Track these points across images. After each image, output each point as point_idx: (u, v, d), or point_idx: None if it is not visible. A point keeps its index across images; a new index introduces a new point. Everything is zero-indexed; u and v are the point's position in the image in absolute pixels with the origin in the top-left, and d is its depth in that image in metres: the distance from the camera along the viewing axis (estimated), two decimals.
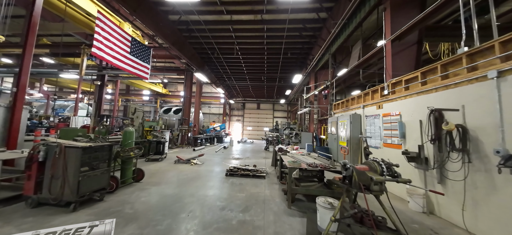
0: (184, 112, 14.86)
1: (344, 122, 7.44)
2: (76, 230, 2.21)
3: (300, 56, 13.73)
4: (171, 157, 9.29)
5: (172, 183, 5.30)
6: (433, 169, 4.11)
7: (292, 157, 5.27)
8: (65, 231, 2.19)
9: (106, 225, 2.31)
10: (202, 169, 7.15)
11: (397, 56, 5.93)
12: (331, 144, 8.70)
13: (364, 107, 6.83)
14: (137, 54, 8.53)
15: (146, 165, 7.56)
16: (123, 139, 5.20)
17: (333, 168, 3.96)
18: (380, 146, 5.81)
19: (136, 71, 8.45)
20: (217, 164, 8.31)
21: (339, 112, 8.96)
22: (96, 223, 2.31)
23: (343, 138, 7.45)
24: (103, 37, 7.00)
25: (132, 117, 8.65)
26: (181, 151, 11.86)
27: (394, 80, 5.47)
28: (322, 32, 10.50)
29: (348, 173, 2.40)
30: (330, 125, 8.92)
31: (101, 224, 2.31)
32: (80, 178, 3.70)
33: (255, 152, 13.12)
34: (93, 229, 2.24)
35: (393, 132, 5.31)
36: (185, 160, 8.05)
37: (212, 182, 5.58)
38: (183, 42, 11.86)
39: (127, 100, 35.21)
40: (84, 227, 2.23)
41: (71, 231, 2.20)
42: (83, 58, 14.77)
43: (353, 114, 7.05)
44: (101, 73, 15.68)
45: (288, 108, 30.37)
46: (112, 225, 2.33)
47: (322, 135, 12.80)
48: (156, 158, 8.41)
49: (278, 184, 5.62)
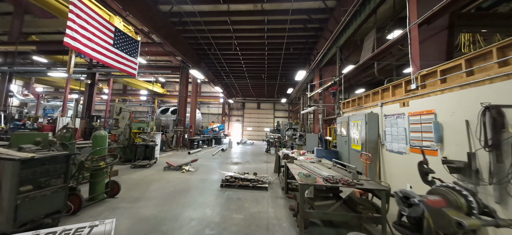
0: (179, 112, 13.89)
1: (358, 122, 6.47)
2: (76, 230, 2.18)
3: (304, 51, 12.75)
4: (162, 163, 8.33)
5: (153, 200, 4.32)
6: (489, 184, 3.13)
7: (301, 166, 4.30)
8: (65, 231, 2.16)
9: (106, 225, 2.27)
10: (194, 178, 6.18)
11: (426, 44, 4.95)
12: (341, 146, 7.73)
13: (383, 105, 5.85)
14: (122, 47, 7.56)
15: (131, 173, 6.60)
16: (92, 145, 4.22)
17: (359, 184, 2.98)
18: (406, 151, 4.83)
19: (121, 66, 7.48)
20: (212, 171, 7.34)
21: (349, 111, 7.99)
22: (96, 223, 2.27)
23: (357, 141, 6.48)
24: (79, 25, 6.03)
25: (116, 117, 7.70)
26: (175, 155, 10.90)
27: (424, 72, 4.49)
28: (329, 23, 9.54)
29: (414, 212, 1.41)
30: (340, 125, 7.94)
31: (101, 224, 2.28)
32: (19, 200, 2.73)
33: (255, 155, 12.15)
34: (93, 229, 2.22)
35: (424, 135, 4.33)
36: (176, 167, 7.08)
37: (203, 196, 4.61)
38: (177, 36, 10.89)
39: (124, 100, 34.35)
40: (84, 227, 2.21)
41: (71, 231, 2.17)
42: (71, 55, 13.84)
43: (369, 113, 6.06)
44: (91, 71, 14.74)
45: (289, 107, 29.38)
46: (112, 225, 2.28)
47: (327, 136, 11.83)
48: (143, 164, 7.45)
49: (283, 198, 4.64)
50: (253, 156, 11.82)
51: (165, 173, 6.68)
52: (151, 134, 9.26)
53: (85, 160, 3.74)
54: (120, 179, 5.59)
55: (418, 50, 4.89)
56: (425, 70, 4.48)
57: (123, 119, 7.90)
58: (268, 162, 9.65)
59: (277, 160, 7.35)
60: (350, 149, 6.99)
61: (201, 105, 30.89)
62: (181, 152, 11.99)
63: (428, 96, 4.34)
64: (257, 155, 12.43)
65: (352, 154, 6.78)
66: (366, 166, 4.31)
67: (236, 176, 5.49)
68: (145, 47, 13.40)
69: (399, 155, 5.06)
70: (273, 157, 11.67)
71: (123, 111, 7.88)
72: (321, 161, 4.95)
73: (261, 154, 12.95)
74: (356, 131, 6.59)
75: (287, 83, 19.18)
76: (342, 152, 7.59)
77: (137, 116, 32.29)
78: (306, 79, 14.67)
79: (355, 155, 6.59)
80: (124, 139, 7.96)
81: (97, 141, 4.19)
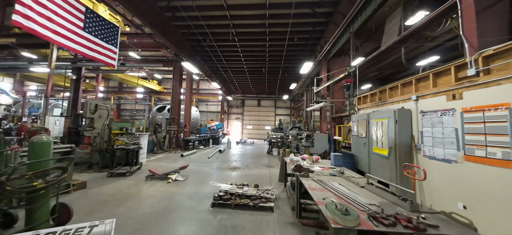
0: (172, 110, 12.67)
1: (382, 121, 5.25)
2: (76, 230, 2.18)
3: (309, 41, 11.47)
4: (147, 169, 7.17)
5: (116, 231, 3.12)
6: None
7: (320, 182, 3.10)
8: (65, 231, 2.14)
9: (106, 225, 2.28)
10: (179, 193, 4.97)
11: (484, 15, 3.70)
12: (358, 149, 6.52)
13: (418, 99, 4.62)
14: (96, 32, 6.31)
15: (105, 183, 5.40)
16: (28, 156, 3.00)
17: (433, 226, 1.77)
18: (457, 160, 3.61)
19: (94, 54, 6.24)
20: (205, 180, 6.14)
21: (367, 108, 6.75)
22: (96, 223, 2.26)
23: (381, 144, 5.26)
24: (35, 1, 4.79)
25: (91, 117, 6.49)
26: (166, 158, 9.71)
27: (490, 51, 3.25)
28: (340, 6, 8.27)
29: None
30: (356, 124, 6.72)
31: (101, 224, 2.27)
32: None
33: (256, 158, 10.95)
34: (93, 229, 2.21)
35: (489, 139, 3.12)
36: (161, 176, 5.88)
37: (186, 224, 3.40)
38: (166, 23, 9.62)
39: (120, 98, 33.20)
40: (84, 227, 2.20)
41: (71, 231, 2.16)
42: (52, 48, 12.62)
43: (399, 110, 4.83)
44: (76, 65, 13.49)
45: (291, 104, 28.10)
46: (112, 225, 2.28)
47: (336, 136, 10.62)
48: (122, 172, 6.24)
49: (296, 225, 3.43)
50: (254, 158, 10.62)
51: (146, 184, 5.48)
52: (137, 135, 8.05)
53: (6, 180, 2.52)
54: (87, 194, 4.43)
55: (474, 23, 3.65)
56: (492, 49, 3.23)
57: (99, 118, 6.69)
58: (270, 167, 8.45)
59: (282, 167, 6.15)
60: (370, 153, 5.78)
61: (200, 103, 29.67)
62: (173, 154, 10.79)
63: (496, 85, 3.11)
64: (258, 157, 11.23)
65: (374, 160, 5.58)
66: (414, 184, 3.09)
67: (232, 191, 4.27)
68: (134, 39, 12.17)
69: (445, 164, 3.84)
70: (275, 159, 10.47)
71: (99, 108, 6.67)
72: (344, 173, 3.74)
73: (262, 156, 11.75)
74: (380, 132, 5.37)
75: (289, 79, 17.90)
76: (359, 156, 6.39)
77: (134, 115, 31.15)
78: (311, 74, 13.42)
79: (378, 161, 5.38)
80: (103, 142, 6.76)
81: (35, 150, 2.97)
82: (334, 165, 4.59)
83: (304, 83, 16.09)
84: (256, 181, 6.26)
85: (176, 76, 12.71)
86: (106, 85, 32.70)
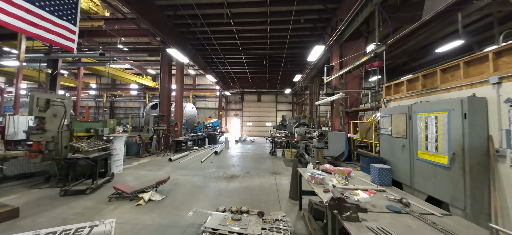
0: (161, 107, 11.10)
1: (437, 115, 3.69)
2: (76, 230, 2.15)
3: (318, 23, 9.82)
4: (122, 179, 5.65)
5: None
6: None
7: (383, 232, 1.55)
8: (65, 231, 2.12)
9: (106, 225, 2.23)
10: (149, 223, 3.45)
11: None
12: (390, 153, 4.97)
13: (501, 82, 3.06)
14: (43, 4, 4.70)
15: (49, 208, 3.88)
16: None
17: None
18: None
19: (39, 32, 4.63)
20: (190, 200, 4.62)
21: (404, 98, 5.17)
22: (96, 223, 2.23)
23: (433, 147, 3.71)
24: None
25: (41, 115, 4.93)
26: (151, 163, 8.19)
27: None
28: None
29: None
30: (389, 120, 5.16)
31: (101, 224, 2.24)
32: None
33: (257, 160, 9.43)
34: (93, 229, 2.17)
35: None
36: (130, 194, 4.34)
37: None
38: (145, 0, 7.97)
39: (113, 95, 31.59)
40: (84, 227, 2.17)
41: (71, 231, 2.13)
42: (20, 38, 11.00)
43: (470, 98, 3.27)
44: (50, 57, 11.85)
45: (293, 99, 26.48)
46: (112, 225, 2.24)
47: (350, 134, 9.09)
48: (81, 189, 4.70)
49: None
50: (255, 162, 9.09)
51: (106, 208, 3.95)
52: (111, 137, 6.48)
53: None
54: (16, 225, 2.91)
55: None
56: None
57: (54, 117, 5.16)
58: (276, 174, 6.93)
59: (295, 179, 4.63)
60: (414, 159, 4.21)
61: (197, 99, 28.06)
62: (161, 158, 9.26)
63: None
64: (260, 159, 9.71)
65: (420, 168, 4.01)
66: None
67: (223, 230, 2.72)
68: (115, 25, 10.53)
69: None
70: (280, 162, 8.96)
71: (53, 105, 5.11)
72: (409, 204, 2.19)
73: (265, 158, 10.23)
74: (432, 130, 3.81)
75: (292, 70, 16.25)
76: (393, 162, 4.81)
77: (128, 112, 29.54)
78: (318, 63, 11.81)
79: (428, 170, 3.82)
80: (60, 148, 5.21)
81: None
82: (377, 182, 3.07)
83: (309, 74, 14.47)
84: (259, 197, 4.74)
85: (164, 68, 11.09)
86: (98, 82, 31.00)
